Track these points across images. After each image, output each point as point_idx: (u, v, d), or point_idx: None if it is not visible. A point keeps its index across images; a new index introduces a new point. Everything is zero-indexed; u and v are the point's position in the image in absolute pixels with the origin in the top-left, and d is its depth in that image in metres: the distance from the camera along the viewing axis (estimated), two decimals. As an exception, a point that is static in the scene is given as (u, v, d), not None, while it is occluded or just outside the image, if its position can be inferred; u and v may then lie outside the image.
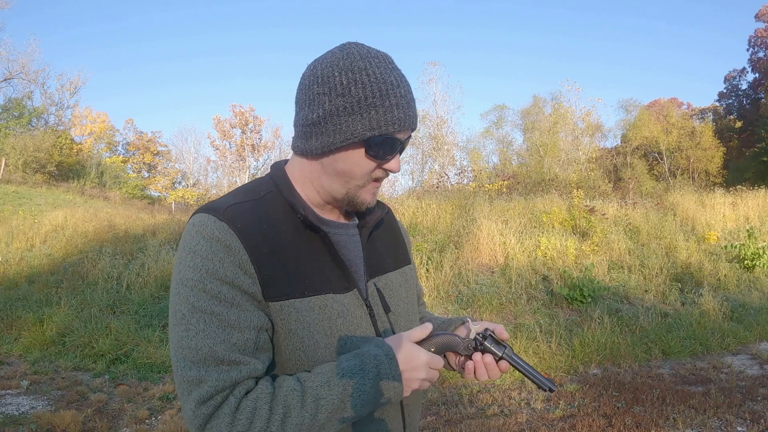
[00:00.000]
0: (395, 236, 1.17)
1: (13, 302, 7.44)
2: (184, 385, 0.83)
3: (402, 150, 0.96)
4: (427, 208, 10.44)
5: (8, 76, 30.62)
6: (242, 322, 0.85)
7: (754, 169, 29.15)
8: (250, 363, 0.85)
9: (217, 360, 0.82)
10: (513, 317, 6.81)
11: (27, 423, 4.05)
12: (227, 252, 0.85)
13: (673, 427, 3.91)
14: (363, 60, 0.91)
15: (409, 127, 0.93)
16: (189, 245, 0.87)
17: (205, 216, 0.89)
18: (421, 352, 0.93)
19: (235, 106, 40.45)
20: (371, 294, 1.02)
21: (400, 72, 0.95)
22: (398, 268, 1.12)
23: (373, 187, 0.98)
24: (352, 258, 1.01)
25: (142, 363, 5.62)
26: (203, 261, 0.85)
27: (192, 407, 0.82)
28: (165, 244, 9.45)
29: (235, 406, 0.82)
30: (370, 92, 0.89)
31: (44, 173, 27.47)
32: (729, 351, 6.11)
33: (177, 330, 0.85)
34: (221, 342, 0.83)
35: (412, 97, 0.94)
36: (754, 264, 8.97)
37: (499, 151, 32.26)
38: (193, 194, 33.86)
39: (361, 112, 0.89)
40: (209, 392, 0.81)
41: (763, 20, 35.39)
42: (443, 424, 4.05)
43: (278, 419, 0.82)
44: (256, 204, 0.94)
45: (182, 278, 0.86)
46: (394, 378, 0.88)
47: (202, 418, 0.81)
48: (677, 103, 39.88)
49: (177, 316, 0.85)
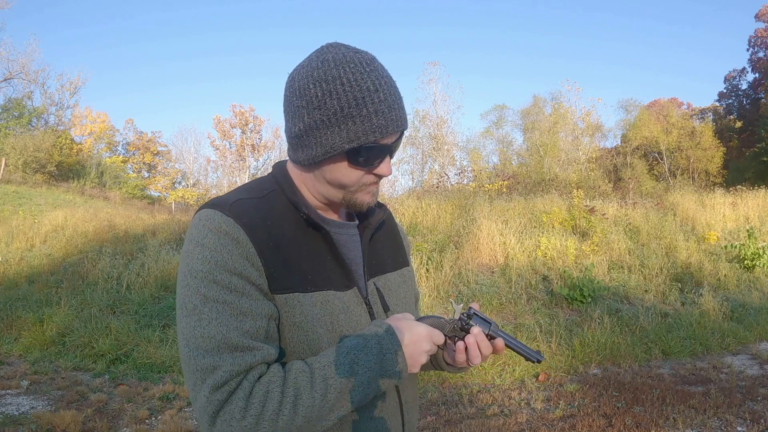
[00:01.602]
0: (395, 238, 1.18)
1: (13, 302, 7.44)
2: (198, 373, 0.83)
3: (392, 152, 0.95)
4: (427, 208, 10.44)
5: (8, 76, 30.66)
6: (254, 310, 0.86)
7: (754, 169, 29.14)
8: (263, 348, 0.86)
9: (231, 346, 0.83)
10: (513, 317, 6.81)
11: (27, 423, 4.05)
12: (235, 245, 0.87)
13: (673, 427, 3.91)
14: (337, 67, 0.89)
15: (392, 131, 0.91)
16: (196, 239, 0.88)
17: (212, 211, 0.90)
18: (420, 326, 0.94)
19: (235, 106, 40.48)
20: (371, 293, 1.03)
21: (380, 73, 0.91)
22: (397, 269, 1.13)
23: (369, 189, 0.98)
24: (352, 257, 1.02)
25: (142, 363, 5.62)
26: (212, 253, 0.86)
27: (206, 394, 0.82)
28: (165, 244, 9.45)
29: (249, 390, 0.83)
30: (345, 103, 0.87)
31: (44, 173, 27.47)
32: (729, 351, 6.11)
33: (189, 321, 0.85)
34: (234, 329, 0.84)
35: (394, 98, 0.91)
36: (754, 264, 8.97)
37: (499, 151, 32.29)
38: (193, 194, 33.88)
39: (338, 124, 0.88)
40: (224, 377, 0.82)
41: (763, 20, 35.38)
42: (443, 424, 4.05)
43: (290, 401, 0.83)
44: (260, 201, 0.95)
45: (191, 270, 0.86)
46: (396, 351, 0.90)
47: (216, 405, 0.82)
48: (677, 103, 39.89)
49: (188, 308, 0.86)
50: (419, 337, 0.93)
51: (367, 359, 0.88)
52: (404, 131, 0.96)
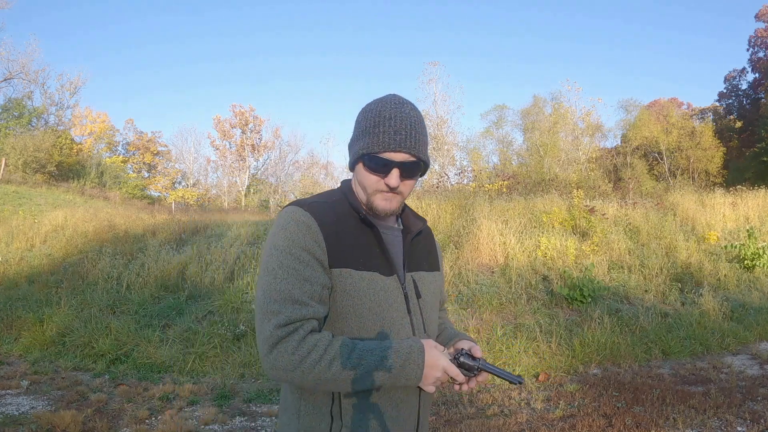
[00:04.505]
0: (431, 247, 1.47)
1: (13, 302, 7.44)
2: (267, 315, 1.12)
3: (403, 170, 1.21)
4: (427, 208, 10.44)
5: (8, 76, 30.65)
6: (313, 278, 1.16)
7: (754, 169, 29.11)
8: (315, 306, 1.15)
9: (293, 299, 1.13)
10: (513, 317, 6.81)
11: (27, 423, 4.04)
12: (308, 230, 1.18)
13: (673, 427, 3.91)
14: (377, 103, 1.24)
15: (394, 148, 1.19)
16: (282, 224, 1.20)
17: (295, 207, 1.22)
18: (442, 358, 1.18)
19: (235, 106, 40.50)
20: (407, 282, 1.30)
21: (402, 110, 1.22)
22: (431, 271, 1.41)
23: (382, 196, 1.24)
24: (395, 253, 1.30)
25: (142, 363, 5.62)
26: (291, 234, 1.17)
27: (271, 329, 1.11)
28: (165, 244, 9.45)
29: (302, 337, 1.11)
30: (370, 123, 1.22)
31: (44, 173, 27.45)
32: (729, 351, 6.11)
33: (266, 279, 1.15)
34: (297, 288, 1.14)
35: (404, 127, 1.20)
36: (754, 264, 8.97)
37: (499, 151, 32.23)
38: (193, 194, 33.92)
39: (363, 138, 1.23)
40: (285, 320, 1.11)
41: (763, 20, 35.36)
42: (443, 424, 4.05)
43: (327, 360, 1.10)
44: (329, 204, 1.26)
45: (275, 244, 1.18)
46: (418, 366, 1.15)
47: (276, 338, 1.10)
48: (677, 103, 39.85)
49: (268, 269, 1.16)
50: (438, 365, 1.17)
51: (395, 361, 1.13)
52: (421, 159, 1.22)
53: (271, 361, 1.11)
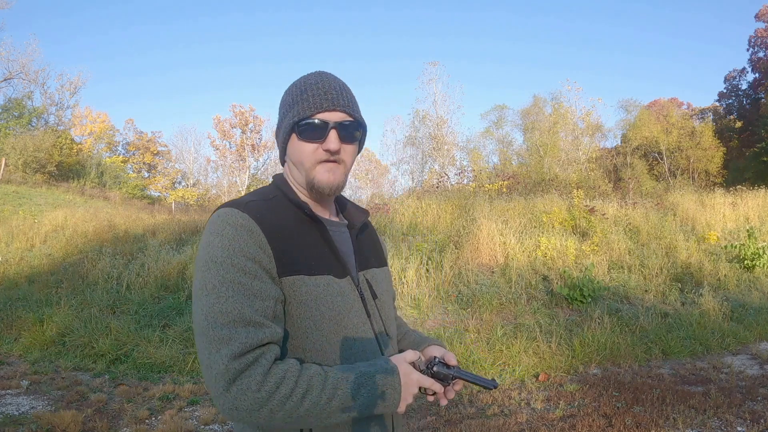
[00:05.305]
0: (376, 240, 1.38)
1: (13, 302, 7.44)
2: (214, 343, 0.93)
3: (341, 130, 1.10)
4: (427, 208, 10.44)
5: (8, 76, 30.60)
6: (263, 292, 0.99)
7: (754, 169, 29.09)
8: (271, 327, 0.97)
9: (245, 321, 0.94)
10: (513, 317, 6.81)
11: (27, 423, 4.04)
12: (250, 235, 1.01)
13: (673, 427, 3.91)
14: (301, 77, 1.16)
15: (326, 108, 1.09)
16: (216, 231, 1.02)
17: (229, 209, 1.05)
18: (414, 373, 1.08)
19: (235, 106, 40.43)
20: (362, 283, 1.19)
21: (326, 76, 1.15)
22: (381, 267, 1.31)
23: (323, 167, 1.11)
24: (344, 251, 1.18)
25: (142, 363, 5.62)
26: (230, 242, 0.99)
27: (225, 361, 0.92)
28: (165, 244, 9.45)
29: (267, 368, 0.94)
30: (295, 95, 1.13)
31: (44, 173, 27.41)
32: (729, 351, 6.11)
33: (207, 299, 0.97)
34: (248, 306, 0.96)
35: (333, 87, 1.12)
36: (754, 264, 8.97)
37: (499, 151, 32.25)
38: (193, 194, 33.87)
39: (292, 108, 1.12)
40: (240, 348, 0.92)
41: (763, 20, 35.36)
42: (443, 424, 4.05)
43: (300, 393, 0.94)
44: (268, 203, 1.11)
45: (212, 257, 0.99)
46: (395, 389, 1.04)
47: (234, 372, 0.91)
48: (677, 103, 39.83)
49: (207, 288, 0.97)
50: (412, 383, 1.07)
51: (374, 387, 1.01)
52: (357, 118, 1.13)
53: (231, 401, 0.91)
